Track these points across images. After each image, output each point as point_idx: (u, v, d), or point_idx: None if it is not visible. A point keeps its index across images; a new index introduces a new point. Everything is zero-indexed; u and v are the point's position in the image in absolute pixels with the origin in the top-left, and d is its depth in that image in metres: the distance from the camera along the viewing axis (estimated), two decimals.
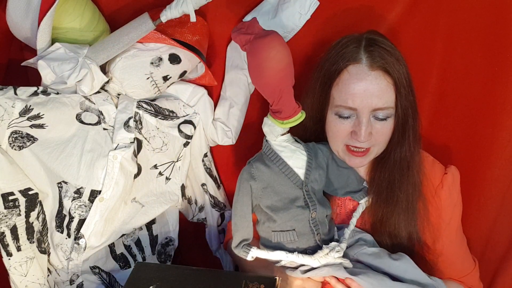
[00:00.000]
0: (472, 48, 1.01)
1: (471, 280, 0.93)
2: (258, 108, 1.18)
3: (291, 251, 0.80)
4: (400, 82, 0.77)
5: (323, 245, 0.80)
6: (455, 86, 1.06)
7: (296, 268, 0.81)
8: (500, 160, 1.03)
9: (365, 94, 0.75)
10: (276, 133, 0.79)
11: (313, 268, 0.79)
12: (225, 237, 1.14)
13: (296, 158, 0.80)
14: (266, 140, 0.82)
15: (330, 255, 0.78)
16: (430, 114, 1.10)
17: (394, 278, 0.78)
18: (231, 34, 0.81)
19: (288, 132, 0.81)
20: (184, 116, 1.12)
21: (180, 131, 1.10)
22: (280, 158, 0.80)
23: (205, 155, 1.20)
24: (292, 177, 0.80)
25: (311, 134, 0.89)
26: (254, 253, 0.79)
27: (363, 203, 0.86)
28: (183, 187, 1.14)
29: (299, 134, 0.87)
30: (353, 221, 0.85)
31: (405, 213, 0.83)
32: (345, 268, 0.79)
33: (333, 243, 0.80)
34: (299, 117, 0.77)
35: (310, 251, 0.80)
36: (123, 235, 1.03)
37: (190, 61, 1.05)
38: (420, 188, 0.84)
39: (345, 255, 0.81)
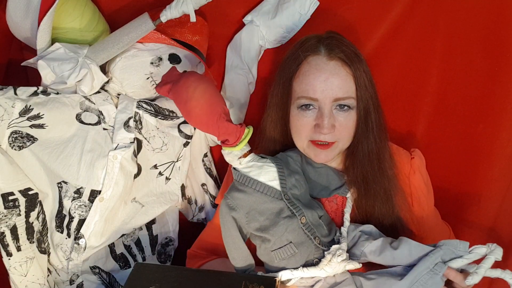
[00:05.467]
0: (472, 48, 1.01)
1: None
2: (259, 108, 1.18)
3: (296, 267, 0.78)
4: (359, 73, 0.78)
5: (325, 252, 0.78)
6: (455, 86, 1.06)
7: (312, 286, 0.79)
8: (500, 160, 1.03)
9: (326, 84, 0.77)
10: (237, 157, 0.79)
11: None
12: None
13: (265, 172, 0.79)
14: (234, 169, 0.81)
15: (334, 261, 0.76)
16: (430, 114, 1.10)
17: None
18: (156, 89, 0.81)
19: (250, 152, 0.80)
20: None
21: (180, 131, 1.10)
22: (250, 179, 0.78)
23: (205, 155, 1.20)
24: (268, 192, 0.78)
25: (280, 143, 0.89)
26: None
27: (349, 196, 0.85)
28: (183, 187, 1.14)
29: (270, 148, 0.89)
30: (347, 217, 0.84)
31: (385, 204, 0.84)
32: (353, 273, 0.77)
33: (334, 247, 0.78)
34: (247, 133, 0.77)
35: (318, 260, 0.78)
36: (123, 235, 1.03)
37: (190, 61, 1.05)
38: (395, 180, 0.86)
39: (352, 255, 0.80)
